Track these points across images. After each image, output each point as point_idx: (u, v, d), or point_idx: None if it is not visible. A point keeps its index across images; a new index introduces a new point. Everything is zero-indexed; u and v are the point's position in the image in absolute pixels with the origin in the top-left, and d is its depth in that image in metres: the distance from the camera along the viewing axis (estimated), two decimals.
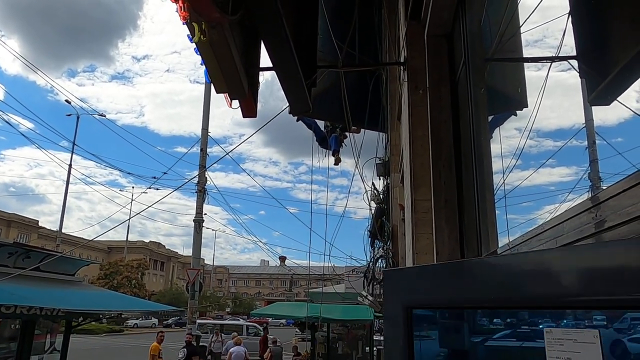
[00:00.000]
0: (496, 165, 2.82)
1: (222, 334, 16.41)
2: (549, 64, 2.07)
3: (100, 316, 8.98)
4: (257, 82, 3.07)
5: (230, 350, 13.60)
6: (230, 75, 2.67)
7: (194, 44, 2.41)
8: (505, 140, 2.71)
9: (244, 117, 3.08)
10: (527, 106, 2.30)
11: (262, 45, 3.06)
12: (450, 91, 3.31)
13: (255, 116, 3.09)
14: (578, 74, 1.84)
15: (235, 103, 3.03)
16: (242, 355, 13.47)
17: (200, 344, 17.01)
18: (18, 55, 56.80)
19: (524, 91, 2.48)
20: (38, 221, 57.99)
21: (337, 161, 8.81)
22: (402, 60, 4.05)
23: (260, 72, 3.23)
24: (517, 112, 2.76)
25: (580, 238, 1.27)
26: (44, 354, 8.73)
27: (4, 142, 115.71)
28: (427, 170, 3.31)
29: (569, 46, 1.85)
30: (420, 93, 3.44)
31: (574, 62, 1.92)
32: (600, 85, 1.67)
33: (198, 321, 19.05)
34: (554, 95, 1.97)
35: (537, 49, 2.31)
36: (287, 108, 7.64)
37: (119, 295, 11.34)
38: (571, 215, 1.36)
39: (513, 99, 2.92)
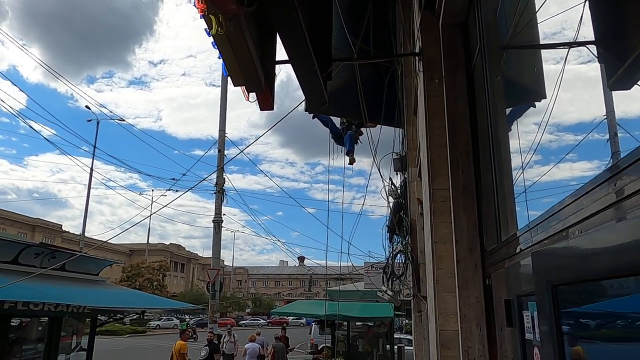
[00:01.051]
0: (515, 153, 2.80)
1: (235, 335, 16.58)
2: (567, 51, 2.05)
3: (124, 314, 9.14)
4: (274, 75, 3.11)
5: (245, 347, 14.55)
6: (247, 68, 2.71)
7: (211, 37, 2.47)
8: (524, 133, 2.68)
9: (261, 110, 3.12)
10: (545, 97, 2.28)
11: (277, 40, 3.10)
12: (466, 79, 3.31)
13: (272, 109, 3.13)
14: (597, 59, 1.82)
15: (253, 97, 3.07)
16: (257, 350, 14.29)
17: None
18: (42, 63, 58.12)
19: (542, 82, 2.45)
20: (61, 225, 59.27)
21: (352, 161, 8.81)
22: (417, 51, 4.05)
23: (276, 67, 3.27)
24: (536, 103, 2.73)
25: (601, 209, 1.27)
26: (71, 352, 8.95)
27: (27, 149, 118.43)
28: (444, 159, 3.31)
29: (587, 32, 1.83)
30: (436, 82, 3.44)
31: (593, 48, 1.90)
32: (620, 70, 1.65)
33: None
34: (573, 86, 1.94)
35: (554, 40, 2.29)
36: (304, 104, 7.71)
37: (141, 294, 11.57)
38: (591, 188, 1.36)
39: (531, 91, 2.89)
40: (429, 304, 3.48)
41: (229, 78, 2.90)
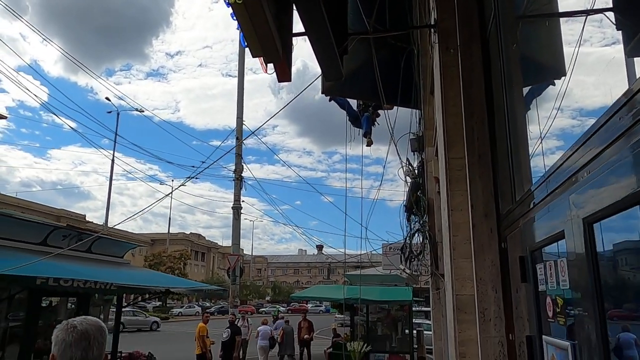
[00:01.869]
0: (530, 119, 2.82)
1: (248, 319, 17.25)
2: (584, 18, 2.05)
3: (148, 294, 9.42)
4: (291, 47, 3.18)
5: (258, 329, 15.75)
6: (264, 38, 2.79)
7: (230, 8, 2.55)
8: (541, 100, 2.69)
9: (279, 81, 3.20)
10: (565, 74, 2.28)
11: (294, 12, 3.17)
12: (482, 48, 3.33)
13: (289, 80, 3.21)
14: (615, 27, 1.83)
15: (270, 69, 3.15)
16: (268, 333, 15.66)
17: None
18: (67, 54, 59.09)
19: (561, 58, 2.44)
20: (85, 216, 60.51)
21: (369, 143, 8.83)
22: (432, 22, 4.07)
23: (293, 40, 3.34)
24: (555, 80, 2.72)
25: (617, 137, 1.29)
26: None
27: (50, 142, 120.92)
28: (460, 129, 3.35)
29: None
30: (451, 53, 3.46)
31: (610, 15, 1.91)
32: (638, 35, 1.67)
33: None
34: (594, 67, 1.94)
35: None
36: (320, 88, 7.73)
37: (164, 275, 11.85)
38: (603, 122, 1.40)
39: (550, 68, 2.88)
40: (446, 271, 3.54)
41: (246, 56, 2.98)
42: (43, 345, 8.07)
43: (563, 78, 2.15)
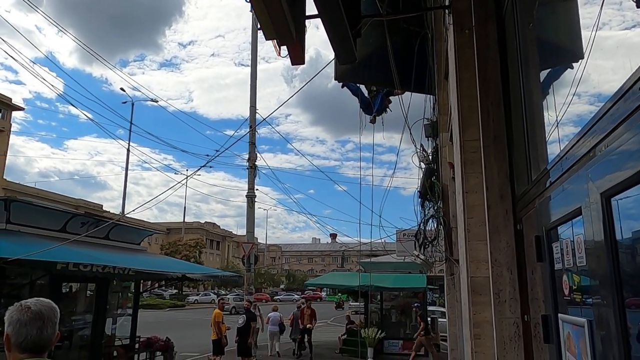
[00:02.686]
0: (547, 100, 2.78)
1: (259, 307, 17.58)
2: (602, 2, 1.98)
3: (165, 280, 9.57)
4: (304, 29, 3.17)
5: (269, 315, 16.37)
6: (278, 20, 2.78)
7: None
8: (558, 85, 2.64)
9: (292, 64, 3.20)
10: (583, 57, 2.24)
11: None
12: (497, 29, 3.28)
13: (303, 63, 3.20)
14: (635, 6, 1.78)
15: (284, 51, 3.15)
16: (278, 319, 16.32)
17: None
18: (83, 44, 59.57)
19: (579, 40, 2.38)
20: (102, 205, 61.47)
21: (373, 120, 8.64)
22: (446, 3, 4.01)
23: (306, 22, 3.32)
24: (573, 64, 2.66)
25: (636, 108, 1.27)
26: (117, 317, 9.48)
27: (67, 133, 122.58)
28: (474, 111, 3.32)
29: None
30: (466, 33, 3.42)
31: None
32: None
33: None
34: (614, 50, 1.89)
35: None
36: (333, 75, 7.69)
37: (180, 261, 12.02)
38: (623, 92, 1.38)
39: (568, 51, 2.83)
40: (460, 254, 3.54)
41: (258, 43, 2.98)
42: (63, 330, 8.28)
43: (580, 61, 2.11)
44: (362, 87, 8.83)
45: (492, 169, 3.08)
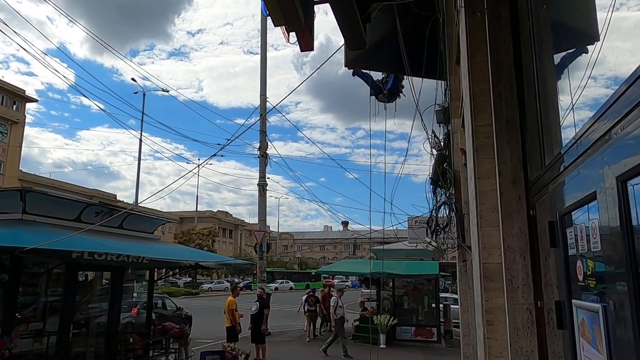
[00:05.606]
0: (561, 84, 2.72)
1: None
2: None
3: (179, 268, 9.70)
4: (313, 15, 3.13)
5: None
6: (286, 6, 2.76)
7: None
8: (573, 68, 2.58)
9: (302, 50, 3.17)
10: (598, 39, 2.18)
11: None
12: (510, 10, 3.21)
13: (312, 49, 3.17)
14: None
15: (293, 38, 3.12)
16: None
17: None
18: (94, 36, 59.87)
19: (595, 22, 2.31)
20: (116, 195, 62.16)
21: (382, 99, 8.53)
22: None
23: (315, 7, 3.28)
24: (588, 47, 2.59)
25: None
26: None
27: (79, 124, 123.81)
28: (487, 95, 3.26)
29: None
30: (478, 16, 3.35)
31: None
32: None
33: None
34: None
35: None
36: (343, 62, 7.62)
37: (193, 249, 12.15)
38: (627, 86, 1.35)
39: (583, 33, 2.75)
40: (472, 240, 3.51)
41: (268, 30, 2.95)
42: (80, 318, 8.47)
43: (596, 43, 2.06)
44: (374, 74, 8.76)
45: (504, 154, 3.04)
